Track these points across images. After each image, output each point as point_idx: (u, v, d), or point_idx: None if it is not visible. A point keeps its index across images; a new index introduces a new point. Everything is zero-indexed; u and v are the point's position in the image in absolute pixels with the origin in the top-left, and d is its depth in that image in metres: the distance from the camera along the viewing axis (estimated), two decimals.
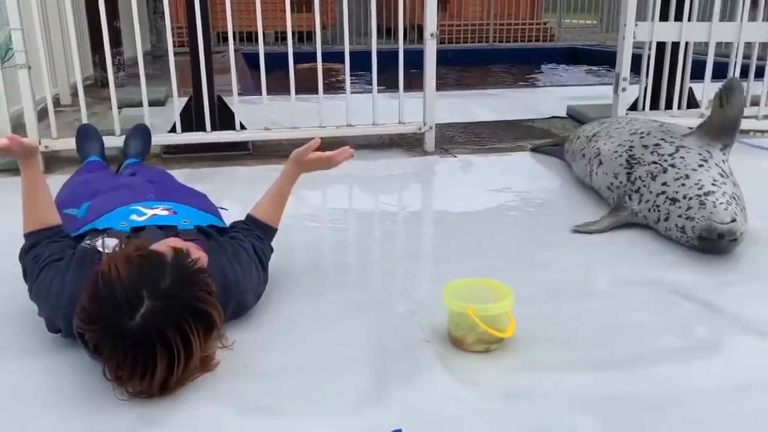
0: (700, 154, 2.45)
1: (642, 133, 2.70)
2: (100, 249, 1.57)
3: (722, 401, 1.48)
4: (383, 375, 1.55)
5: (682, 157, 2.45)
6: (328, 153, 1.99)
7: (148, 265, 1.39)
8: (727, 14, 4.64)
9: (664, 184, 2.42)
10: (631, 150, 2.64)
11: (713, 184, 2.32)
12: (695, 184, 2.34)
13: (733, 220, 2.19)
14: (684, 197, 2.33)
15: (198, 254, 1.54)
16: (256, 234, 1.86)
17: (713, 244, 2.20)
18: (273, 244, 1.94)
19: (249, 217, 1.94)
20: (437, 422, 1.40)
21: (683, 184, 2.36)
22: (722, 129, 2.49)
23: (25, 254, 1.68)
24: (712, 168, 2.39)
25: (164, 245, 1.50)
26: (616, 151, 2.73)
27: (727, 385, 1.53)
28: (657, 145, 2.56)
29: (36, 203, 1.72)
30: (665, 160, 2.48)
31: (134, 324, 1.32)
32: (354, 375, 1.55)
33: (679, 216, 2.30)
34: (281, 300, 1.89)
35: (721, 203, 2.24)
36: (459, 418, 1.41)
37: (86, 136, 2.86)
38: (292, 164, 1.99)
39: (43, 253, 1.62)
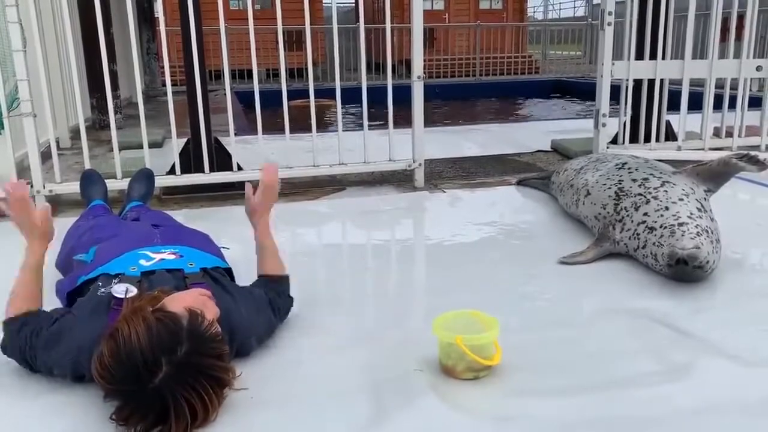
0: (683, 189, 2.59)
1: (630, 168, 2.84)
2: (116, 295, 1.68)
3: (696, 422, 1.59)
4: (380, 403, 1.66)
5: (666, 191, 2.59)
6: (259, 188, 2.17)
7: (166, 330, 1.48)
8: (699, 50, 4.85)
9: (645, 214, 2.55)
10: (620, 183, 2.78)
11: (689, 217, 2.46)
12: (673, 215, 2.48)
13: (697, 248, 2.30)
14: (660, 226, 2.46)
15: (211, 313, 1.62)
16: (274, 289, 2.00)
17: (680, 271, 2.32)
18: None
19: (259, 277, 2.08)
20: None
21: (662, 215, 2.50)
22: (717, 176, 2.66)
23: (16, 335, 1.71)
24: (691, 202, 2.53)
25: (180, 305, 1.57)
26: (605, 184, 2.86)
27: (700, 407, 1.65)
28: (645, 179, 2.70)
29: (31, 291, 1.83)
30: (650, 192, 2.62)
31: (152, 387, 1.43)
32: (353, 403, 1.66)
33: (653, 244, 2.44)
34: (282, 334, 2.00)
35: (690, 233, 2.37)
36: None
37: (90, 180, 2.97)
38: (251, 219, 2.18)
39: (40, 323, 1.69)
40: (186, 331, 1.49)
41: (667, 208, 2.51)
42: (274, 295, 1.97)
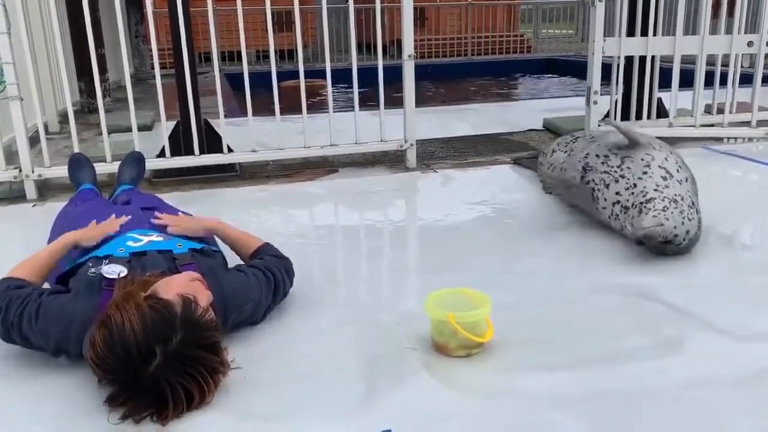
0: (642, 159, 2.56)
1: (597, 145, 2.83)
2: (107, 275, 1.68)
3: (687, 395, 1.60)
4: (373, 381, 1.67)
5: (629, 167, 2.57)
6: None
7: (160, 319, 1.47)
8: (691, 26, 4.83)
9: (617, 193, 2.55)
10: (586, 158, 2.77)
11: (656, 190, 2.44)
12: (641, 192, 2.47)
13: (660, 225, 2.30)
14: (632, 206, 2.46)
15: (204, 299, 1.62)
16: (260, 258, 2.00)
17: (651, 248, 2.34)
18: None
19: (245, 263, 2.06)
20: (424, 423, 1.52)
21: (632, 193, 2.49)
22: (631, 142, 2.65)
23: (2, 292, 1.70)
24: (655, 172, 2.51)
25: (173, 292, 1.56)
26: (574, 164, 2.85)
27: (690, 380, 1.66)
28: (606, 156, 2.69)
29: (38, 266, 1.85)
30: (615, 172, 2.60)
31: (147, 376, 1.43)
32: (346, 382, 1.67)
33: (629, 224, 2.45)
34: (276, 315, 2.00)
35: (655, 209, 2.36)
36: (444, 419, 1.53)
37: (79, 164, 2.95)
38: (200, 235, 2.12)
39: (32, 293, 1.68)
40: (180, 320, 1.49)
41: (635, 185, 2.50)
42: (261, 262, 1.97)
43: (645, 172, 2.52)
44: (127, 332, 1.43)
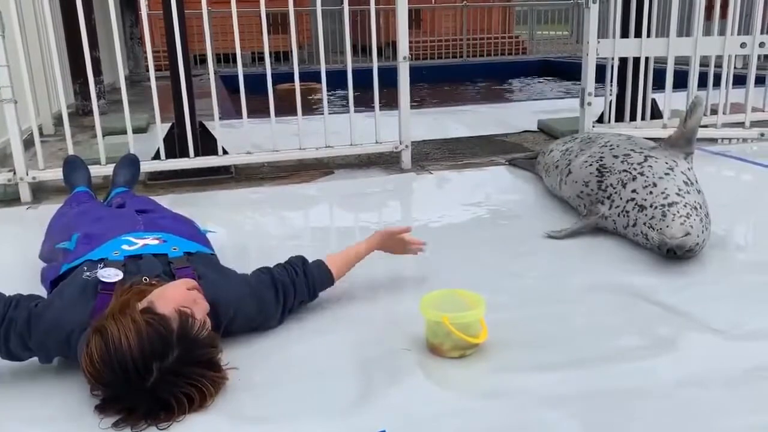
0: (666, 163, 2.59)
1: (611, 145, 2.84)
2: (103, 279, 1.67)
3: (680, 393, 1.61)
4: (368, 382, 1.67)
5: (650, 166, 2.59)
6: (408, 237, 2.24)
7: (156, 335, 1.46)
8: (685, 28, 4.84)
9: (634, 191, 2.55)
10: (602, 160, 2.78)
11: (678, 194, 2.45)
12: (661, 192, 2.47)
13: (687, 234, 2.30)
14: (651, 206, 2.46)
15: (201, 311, 1.61)
16: (294, 270, 1.98)
17: (670, 255, 2.34)
18: (255, 266, 2.02)
19: (319, 261, 2.06)
20: (418, 423, 1.52)
21: (650, 192, 2.50)
22: (683, 138, 2.65)
23: None
24: (677, 176, 2.52)
25: (170, 305, 1.54)
26: (585, 161, 2.86)
27: (684, 379, 1.66)
28: (627, 155, 2.70)
29: None
30: (634, 169, 2.62)
31: (143, 390, 1.44)
32: (341, 383, 1.67)
33: (644, 224, 2.44)
34: None
35: (680, 216, 2.36)
36: (438, 419, 1.53)
37: (73, 167, 2.95)
38: (379, 239, 2.20)
39: (21, 299, 1.65)
40: (177, 337, 1.48)
41: (654, 185, 2.50)
42: (284, 276, 1.95)
43: (667, 174, 2.53)
44: (123, 348, 1.43)
